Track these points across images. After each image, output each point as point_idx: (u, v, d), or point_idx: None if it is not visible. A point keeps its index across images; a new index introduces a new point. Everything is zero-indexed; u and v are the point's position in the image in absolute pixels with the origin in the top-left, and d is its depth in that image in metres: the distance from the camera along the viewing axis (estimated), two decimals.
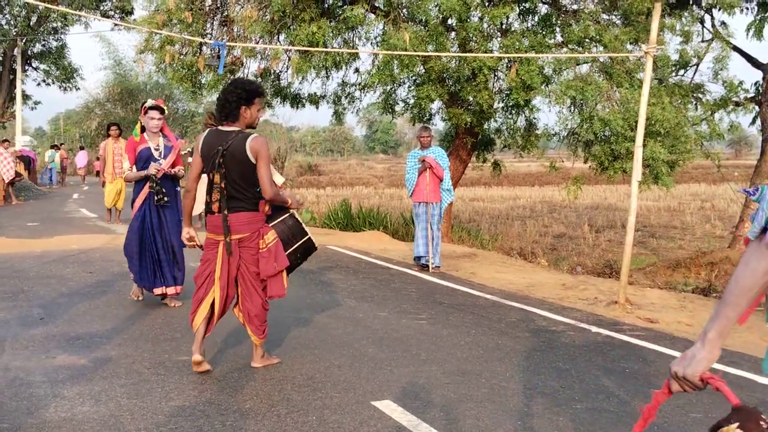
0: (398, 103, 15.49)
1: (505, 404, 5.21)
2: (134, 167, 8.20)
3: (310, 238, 6.11)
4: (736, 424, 2.09)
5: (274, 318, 5.45)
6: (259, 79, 15.17)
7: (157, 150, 8.22)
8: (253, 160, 5.50)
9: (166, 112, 8.54)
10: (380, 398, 5.26)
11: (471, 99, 13.40)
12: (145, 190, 8.17)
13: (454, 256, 13.13)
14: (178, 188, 8.47)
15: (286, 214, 5.92)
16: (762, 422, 2.09)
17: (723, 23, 15.59)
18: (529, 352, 6.71)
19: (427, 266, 11.39)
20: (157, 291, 8.24)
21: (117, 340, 6.76)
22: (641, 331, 7.81)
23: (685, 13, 14.42)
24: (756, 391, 5.56)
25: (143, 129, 8.31)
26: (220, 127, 5.67)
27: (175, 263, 8.27)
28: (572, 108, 13.20)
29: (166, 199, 8.10)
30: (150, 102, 8.35)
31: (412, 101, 14.77)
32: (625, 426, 4.84)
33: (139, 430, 4.57)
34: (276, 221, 5.82)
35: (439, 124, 17.45)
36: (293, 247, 5.93)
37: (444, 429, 4.70)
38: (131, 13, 32.84)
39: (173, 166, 8.26)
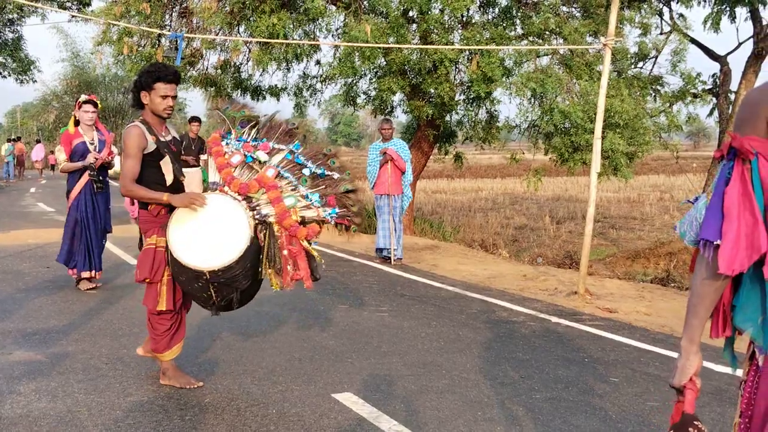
0: (360, 96, 15.47)
1: (465, 395, 5.22)
2: (69, 160, 8.68)
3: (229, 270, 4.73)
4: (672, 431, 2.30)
5: (236, 311, 5.37)
6: (218, 71, 15.04)
7: (92, 144, 8.73)
8: None
9: (100, 106, 9.00)
10: (341, 390, 5.24)
11: (432, 91, 13.41)
12: (81, 181, 8.67)
13: (416, 248, 13.15)
14: (107, 177, 9.05)
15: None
16: (693, 428, 2.27)
17: (681, 16, 15.79)
18: (490, 343, 6.74)
19: (389, 258, 11.40)
20: (86, 274, 8.73)
21: (74, 335, 6.67)
22: (600, 321, 7.88)
23: (644, 6, 14.57)
24: (712, 380, 5.63)
25: (77, 123, 8.79)
26: None
27: (99, 248, 8.86)
28: (533, 100, 13.26)
29: (102, 185, 8.70)
30: (84, 96, 8.93)
31: (373, 93, 14.76)
32: (584, 414, 4.88)
33: (96, 426, 4.52)
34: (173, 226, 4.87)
35: (400, 117, 17.48)
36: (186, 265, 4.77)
37: (404, 421, 4.70)
38: (89, 4, 32.30)
39: (107, 156, 8.85)
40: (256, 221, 4.84)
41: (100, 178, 8.67)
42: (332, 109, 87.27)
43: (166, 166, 5.09)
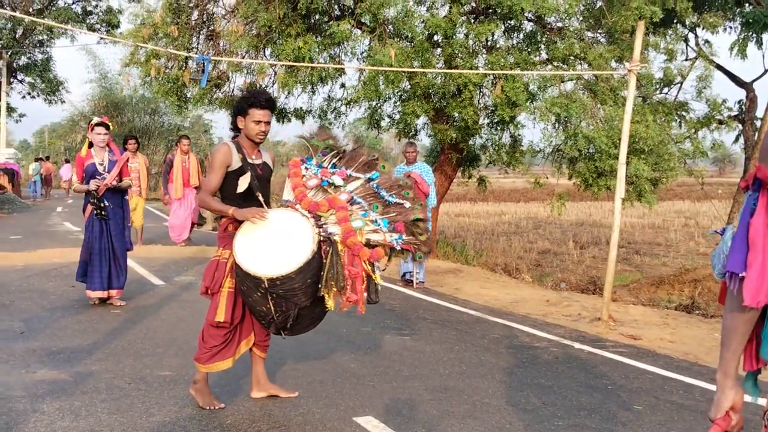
0: (384, 119, 15.53)
1: (487, 421, 5.20)
2: (82, 181, 8.93)
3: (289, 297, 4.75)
4: None
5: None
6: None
7: (101, 165, 8.90)
8: None
9: (111, 128, 9.18)
10: (362, 414, 5.24)
11: (456, 115, 13.44)
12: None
13: (438, 271, 13.14)
14: (126, 197, 9.34)
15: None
16: None
17: (707, 42, 15.74)
18: (512, 369, 6.71)
19: (412, 282, 11.39)
20: (97, 294, 8.91)
21: (98, 354, 6.72)
22: (624, 347, 7.82)
23: (670, 32, 14.53)
24: None
25: (91, 144, 9.00)
26: None
27: (117, 268, 8.97)
28: (557, 125, 13.26)
29: (104, 213, 8.80)
30: (96, 119, 9.11)
31: (397, 117, 14.81)
32: None
33: None
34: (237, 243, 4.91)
35: (424, 140, 17.50)
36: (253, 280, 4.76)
37: None
38: (117, 26, 32.82)
39: (121, 177, 8.98)
40: (321, 238, 4.82)
41: (102, 204, 8.78)
42: (356, 131, 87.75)
43: (244, 179, 5.18)
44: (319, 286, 4.76)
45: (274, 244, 4.82)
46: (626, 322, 9.21)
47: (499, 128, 14.68)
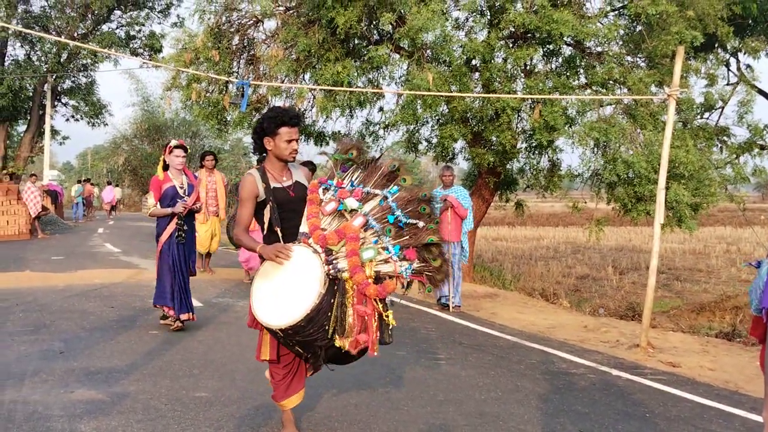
0: (422, 142, 15.58)
1: None
2: (159, 204, 8.83)
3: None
4: None
5: None
6: None
7: (182, 188, 8.84)
8: None
9: (189, 150, 9.08)
10: None
11: (494, 139, 13.43)
12: (171, 226, 8.81)
13: (475, 295, 13.08)
14: (194, 221, 9.29)
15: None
16: None
17: (748, 66, 15.62)
18: (549, 395, 6.65)
19: (448, 306, 11.35)
20: (184, 316, 8.92)
21: (135, 375, 6.78)
22: (663, 375, 7.72)
23: (710, 56, 14.43)
24: None
25: (166, 167, 8.88)
26: None
27: (184, 292, 8.94)
28: (595, 149, 13.18)
29: (183, 235, 8.81)
30: (174, 141, 8.99)
31: (435, 140, 14.85)
32: None
33: None
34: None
35: (462, 164, 17.53)
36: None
37: None
38: (160, 51, 33.28)
39: (194, 201, 8.94)
40: (331, 277, 4.48)
41: (185, 227, 8.83)
42: (394, 155, 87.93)
43: (267, 213, 4.91)
44: (326, 328, 4.44)
45: (287, 288, 4.55)
46: (665, 349, 9.09)
47: (537, 152, 14.65)
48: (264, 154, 5.07)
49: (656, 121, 12.73)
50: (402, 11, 12.37)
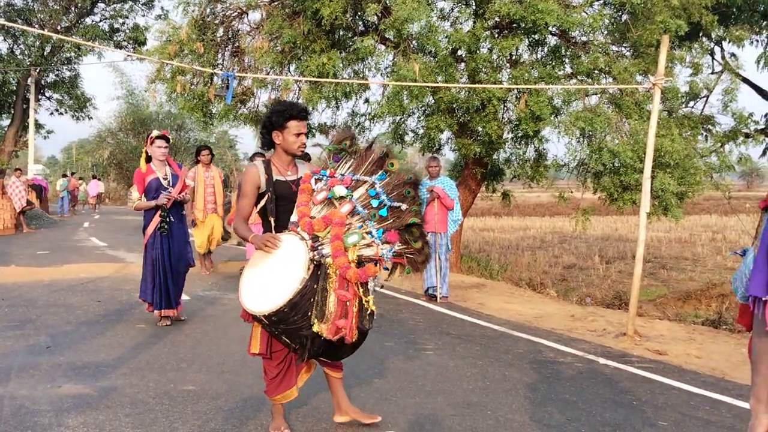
0: (408, 133, 15.56)
1: None
2: (144, 197, 8.72)
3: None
4: None
5: None
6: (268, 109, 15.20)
7: (165, 179, 8.73)
8: None
9: (171, 141, 8.97)
10: (385, 429, 5.22)
11: (480, 129, 13.42)
12: (155, 220, 8.70)
13: (462, 286, 13.10)
14: (184, 212, 9.15)
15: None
16: None
17: (733, 55, 15.67)
18: (536, 384, 6.67)
19: (435, 296, 11.37)
20: (166, 313, 8.82)
21: (123, 369, 6.76)
22: (649, 363, 7.75)
23: (695, 45, 14.46)
24: (745, 419, 5.49)
25: (149, 159, 8.78)
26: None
27: (175, 287, 8.86)
28: (581, 139, 13.20)
29: (166, 228, 8.68)
30: (156, 132, 8.88)
31: (421, 131, 14.84)
32: None
33: None
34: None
35: (448, 155, 17.49)
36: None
37: None
38: (144, 43, 33.13)
39: (180, 192, 8.81)
40: (315, 262, 4.47)
41: (169, 219, 8.69)
42: (380, 146, 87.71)
43: (262, 201, 4.94)
44: (309, 314, 4.40)
45: (274, 275, 4.54)
46: (652, 338, 9.13)
47: (523, 142, 14.66)
48: (270, 149, 5.09)
49: (641, 110, 12.76)
50: (387, 2, 12.34)
